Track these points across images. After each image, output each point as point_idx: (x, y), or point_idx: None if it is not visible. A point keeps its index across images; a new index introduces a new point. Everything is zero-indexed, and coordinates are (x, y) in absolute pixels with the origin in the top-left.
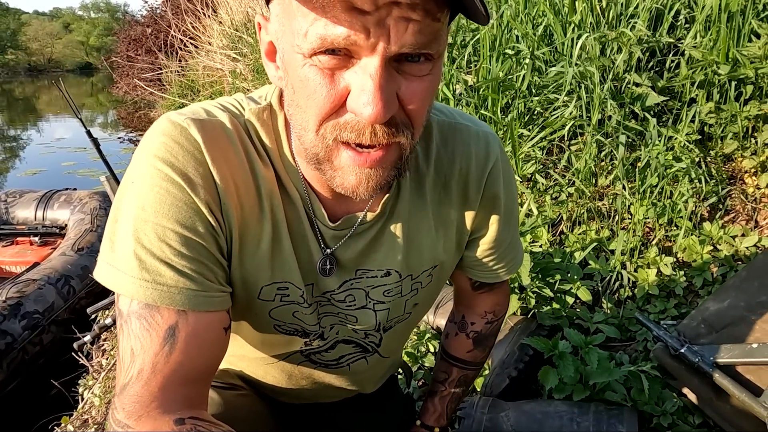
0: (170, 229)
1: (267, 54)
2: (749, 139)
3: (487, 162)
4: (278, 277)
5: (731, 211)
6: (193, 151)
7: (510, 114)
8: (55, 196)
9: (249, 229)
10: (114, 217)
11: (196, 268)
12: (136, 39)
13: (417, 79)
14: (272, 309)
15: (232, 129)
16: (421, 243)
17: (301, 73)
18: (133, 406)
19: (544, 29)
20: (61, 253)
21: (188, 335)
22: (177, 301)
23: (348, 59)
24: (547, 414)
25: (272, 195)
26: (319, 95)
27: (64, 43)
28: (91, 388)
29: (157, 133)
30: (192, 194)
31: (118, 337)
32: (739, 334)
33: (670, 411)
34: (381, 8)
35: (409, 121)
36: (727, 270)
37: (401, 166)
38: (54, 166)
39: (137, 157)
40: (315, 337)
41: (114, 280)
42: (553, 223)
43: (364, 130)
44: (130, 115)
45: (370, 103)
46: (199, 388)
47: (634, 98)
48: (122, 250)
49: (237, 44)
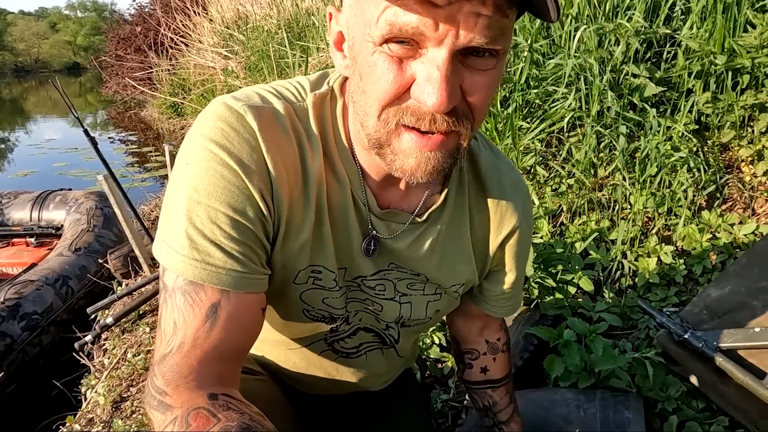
0: (222, 212)
1: (336, 43)
2: (746, 128)
3: (516, 209)
4: (314, 260)
5: (728, 200)
6: (249, 138)
7: (509, 107)
8: (51, 196)
9: (294, 217)
10: (169, 196)
11: (243, 250)
12: (125, 38)
13: (481, 73)
14: (304, 291)
15: (286, 116)
16: (453, 259)
17: (370, 60)
18: (172, 374)
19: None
20: (58, 254)
21: (229, 314)
22: (224, 281)
23: (416, 49)
24: (554, 402)
25: (320, 182)
26: (385, 81)
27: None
28: (95, 388)
29: (214, 117)
30: (246, 180)
31: (161, 309)
32: (740, 319)
33: (674, 396)
34: (453, 3)
35: (470, 112)
36: (726, 257)
37: (458, 155)
38: (45, 167)
39: (192, 139)
40: (342, 322)
41: (165, 256)
42: (554, 214)
43: (424, 117)
44: (121, 115)
45: (435, 93)
46: (233, 366)
47: (632, 89)
48: (174, 228)
49: (228, 42)
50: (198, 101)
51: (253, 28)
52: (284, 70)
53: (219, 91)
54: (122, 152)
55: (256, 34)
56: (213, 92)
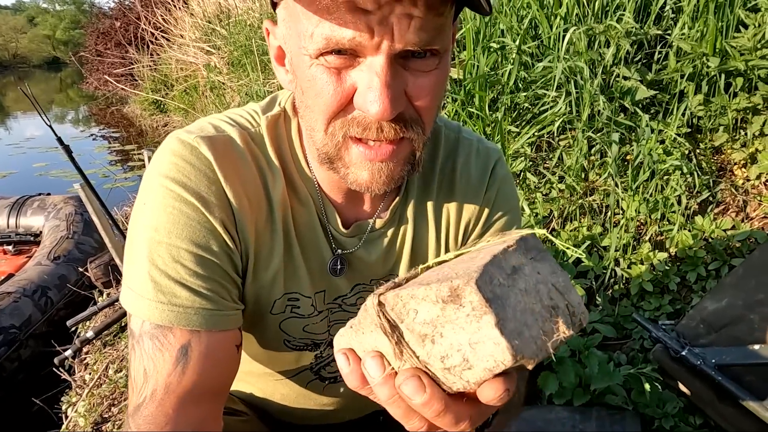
0: (184, 249)
1: (276, 58)
2: (738, 131)
3: (483, 179)
4: (289, 288)
5: (721, 204)
6: (205, 170)
7: (498, 110)
8: (28, 202)
9: (263, 245)
10: (130, 239)
11: (211, 287)
12: (104, 32)
13: (424, 75)
14: (282, 321)
15: (242, 144)
16: (426, 252)
17: (308, 74)
18: (147, 426)
19: (530, 22)
20: (37, 263)
21: (201, 354)
22: (192, 321)
23: (354, 58)
24: (549, 421)
25: (284, 206)
26: (326, 93)
27: (30, 37)
28: (75, 405)
29: (167, 153)
30: (206, 213)
31: (130, 357)
32: (738, 334)
33: (671, 413)
34: (383, 6)
35: (418, 116)
36: (721, 264)
37: (414, 162)
38: (25, 167)
39: (148, 179)
40: (326, 346)
41: (130, 302)
42: (544, 220)
43: (370, 126)
44: (102, 111)
45: (377, 100)
46: (212, 407)
47: (623, 92)
48: (137, 272)
49: (210, 37)
50: (180, 98)
51: (236, 22)
52: (267, 65)
53: (202, 87)
54: (105, 150)
55: (238, 29)
56: (196, 88)
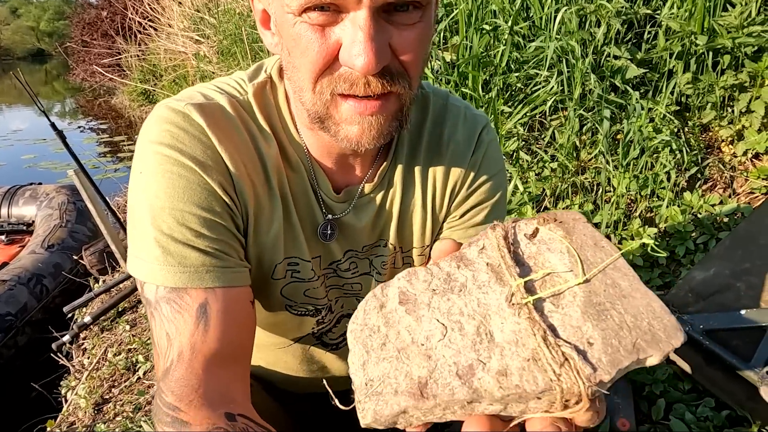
0: (187, 212)
1: (262, 22)
2: (726, 108)
3: (470, 144)
4: (289, 252)
5: (709, 180)
6: (199, 135)
7: (491, 91)
8: (20, 191)
9: (262, 208)
10: (131, 210)
11: (218, 246)
12: (90, 23)
13: (408, 28)
14: (284, 286)
15: (232, 111)
16: (413, 216)
17: (293, 32)
18: (181, 389)
19: (522, 3)
20: (31, 251)
21: (220, 311)
22: (205, 280)
23: (337, 14)
24: None
25: (278, 171)
26: (311, 51)
27: (13, 29)
28: (75, 389)
29: (158, 121)
30: (204, 175)
31: (150, 325)
32: (725, 301)
33: (661, 379)
34: None
35: (404, 70)
36: (708, 238)
37: (402, 117)
38: (13, 159)
39: (141, 148)
40: (326, 312)
41: (141, 269)
42: (537, 199)
43: (357, 81)
44: (90, 103)
45: (362, 53)
46: (239, 370)
47: (613, 71)
48: (143, 239)
49: (199, 26)
50: (170, 87)
51: (225, 10)
52: (258, 53)
53: (191, 77)
54: (93, 142)
55: (227, 17)
56: (185, 78)
